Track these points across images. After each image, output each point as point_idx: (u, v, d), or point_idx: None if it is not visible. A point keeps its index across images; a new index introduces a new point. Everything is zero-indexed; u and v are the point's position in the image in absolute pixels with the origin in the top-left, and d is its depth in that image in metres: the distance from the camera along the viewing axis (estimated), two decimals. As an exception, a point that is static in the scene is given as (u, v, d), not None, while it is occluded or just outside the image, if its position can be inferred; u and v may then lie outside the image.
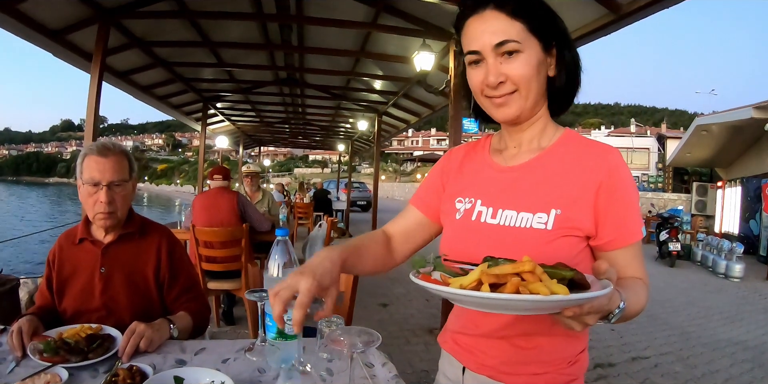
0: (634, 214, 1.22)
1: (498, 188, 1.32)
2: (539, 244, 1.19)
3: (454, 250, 1.31)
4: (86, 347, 1.64)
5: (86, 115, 5.03)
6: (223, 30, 6.89)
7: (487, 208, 1.30)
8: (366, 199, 26.08)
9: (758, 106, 11.23)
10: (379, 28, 6.29)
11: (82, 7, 4.94)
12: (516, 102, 1.22)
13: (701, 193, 20.31)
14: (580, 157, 1.25)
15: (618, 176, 1.20)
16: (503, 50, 1.17)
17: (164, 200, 57.48)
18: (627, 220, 1.21)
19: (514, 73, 1.18)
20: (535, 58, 1.19)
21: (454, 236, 1.37)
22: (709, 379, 4.65)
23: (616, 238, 1.21)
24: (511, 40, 1.16)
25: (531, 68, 1.18)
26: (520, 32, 1.17)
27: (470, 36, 1.22)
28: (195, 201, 5.40)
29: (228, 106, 12.32)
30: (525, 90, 1.20)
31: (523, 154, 1.33)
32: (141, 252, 2.18)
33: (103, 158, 2.04)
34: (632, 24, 4.52)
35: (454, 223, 1.38)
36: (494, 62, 1.19)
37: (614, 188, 1.19)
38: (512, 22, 1.17)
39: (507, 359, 1.30)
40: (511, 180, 1.30)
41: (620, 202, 1.20)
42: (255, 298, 1.56)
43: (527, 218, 1.22)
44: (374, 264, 1.43)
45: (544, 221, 1.19)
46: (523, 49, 1.17)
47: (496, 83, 1.20)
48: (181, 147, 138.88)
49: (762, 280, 10.39)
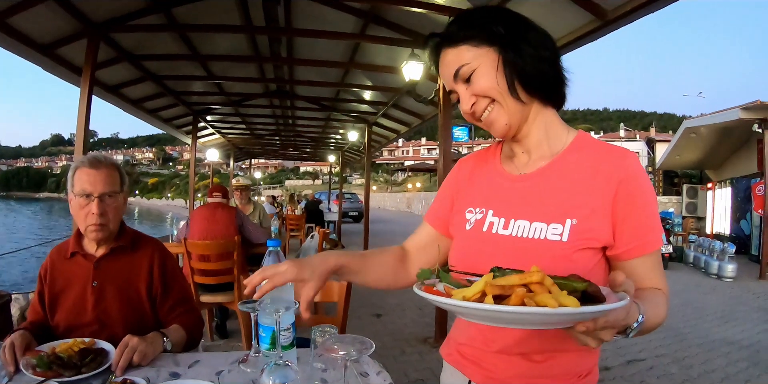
0: (654, 221, 1.18)
1: (510, 198, 1.28)
2: (554, 256, 1.14)
3: (464, 261, 1.27)
4: (79, 362, 1.64)
5: (76, 129, 5.02)
6: (212, 43, 6.92)
7: (499, 218, 1.26)
8: (358, 209, 26.02)
9: (746, 107, 11.29)
10: (368, 39, 6.33)
11: (71, 21, 4.95)
12: (499, 115, 1.21)
13: (692, 195, 20.40)
14: (596, 162, 1.20)
15: (636, 182, 1.16)
16: (461, 77, 1.20)
17: (155, 214, 57.24)
18: (646, 227, 1.16)
19: (477, 89, 1.19)
20: (491, 66, 1.17)
21: (464, 247, 1.33)
22: (705, 379, 4.67)
23: (634, 246, 1.16)
24: (461, 66, 1.19)
25: (490, 77, 1.17)
26: (467, 53, 1.19)
27: (441, 73, 1.27)
28: (194, 213, 5.43)
29: (218, 119, 12.32)
30: (498, 96, 1.18)
31: (534, 160, 1.29)
32: (133, 265, 2.17)
33: (95, 170, 2.04)
34: (618, 29, 4.57)
35: (464, 233, 1.34)
36: (463, 91, 1.22)
37: (632, 195, 1.15)
38: (458, 50, 1.20)
39: (517, 373, 1.24)
40: (524, 189, 1.26)
41: (639, 209, 1.16)
42: (248, 309, 1.56)
43: (541, 229, 1.17)
44: (382, 273, 1.45)
45: (559, 232, 1.15)
46: (475, 65, 1.18)
47: (470, 108, 1.22)
48: (171, 161, 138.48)
49: (755, 280, 10.44)
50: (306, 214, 15.29)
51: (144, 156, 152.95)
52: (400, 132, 11.63)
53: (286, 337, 1.60)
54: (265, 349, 1.61)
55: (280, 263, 1.22)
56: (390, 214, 36.58)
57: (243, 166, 26.29)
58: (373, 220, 12.93)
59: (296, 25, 6.49)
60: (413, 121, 10.23)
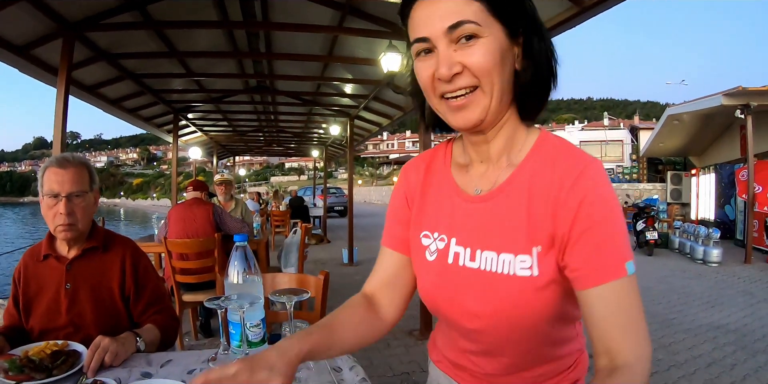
0: (616, 242, 0.96)
1: (472, 223, 1.11)
2: (527, 292, 1.01)
3: (434, 297, 1.18)
4: (51, 364, 1.62)
5: (53, 131, 4.94)
6: (189, 39, 6.83)
7: (465, 248, 1.11)
8: (343, 204, 26.03)
9: (728, 93, 11.36)
10: (346, 31, 6.27)
11: (46, 21, 4.86)
12: (479, 102, 0.99)
13: (676, 182, 20.56)
14: (552, 173, 1.02)
15: (591, 196, 0.97)
16: (458, 34, 0.95)
17: (141, 215, 56.99)
18: (604, 248, 0.96)
19: (472, 61, 0.95)
20: (498, 44, 0.96)
21: (432, 282, 1.17)
22: (692, 365, 4.68)
23: (588, 272, 0.96)
24: (467, 21, 0.94)
25: (494, 56, 0.96)
26: (479, 13, 0.94)
27: (417, 20, 1.00)
28: (171, 212, 5.35)
29: (199, 117, 12.19)
30: (488, 84, 0.97)
31: (491, 173, 1.12)
32: (105, 266, 2.15)
33: (62, 170, 2.02)
34: (596, 16, 4.55)
35: (427, 265, 1.18)
36: (447, 50, 0.97)
37: (591, 212, 0.97)
38: (468, 1, 0.95)
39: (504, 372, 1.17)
40: (485, 212, 1.09)
41: (597, 228, 0.96)
42: (213, 305, 1.53)
43: (509, 262, 1.03)
44: (359, 335, 1.20)
45: (528, 266, 1.01)
46: (483, 33, 0.95)
47: (450, 75, 0.96)
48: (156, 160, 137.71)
49: (740, 264, 10.55)
50: (291, 210, 15.30)
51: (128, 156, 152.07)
52: (382, 125, 11.58)
53: (255, 334, 1.56)
54: (235, 346, 1.57)
55: (229, 365, 0.91)
56: (376, 208, 36.61)
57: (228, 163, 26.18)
58: (358, 215, 12.95)
59: (273, 19, 6.41)
60: (395, 114, 10.19)
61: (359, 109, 10.37)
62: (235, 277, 1.52)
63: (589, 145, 34.93)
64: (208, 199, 5.70)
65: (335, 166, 66.80)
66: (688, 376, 4.42)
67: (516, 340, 1.08)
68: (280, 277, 2.51)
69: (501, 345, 1.11)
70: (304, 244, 5.82)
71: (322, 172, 18.60)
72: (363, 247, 11.69)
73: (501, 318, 1.05)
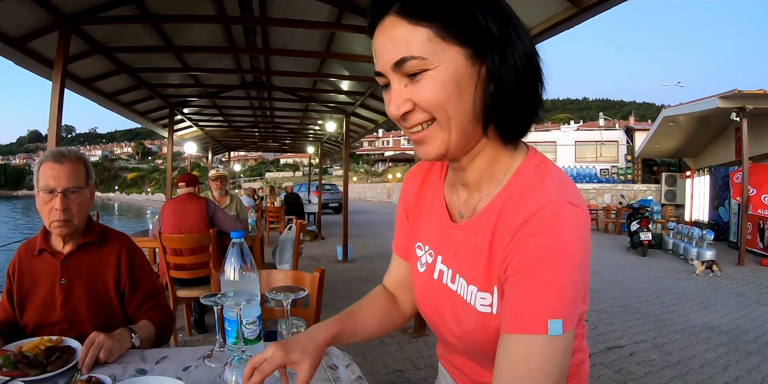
0: (545, 293, 0.85)
1: (453, 246, 1.09)
2: (487, 326, 0.99)
3: (424, 306, 1.20)
4: (45, 360, 1.60)
5: (48, 124, 4.91)
6: (186, 34, 6.80)
7: (447, 268, 1.11)
8: (338, 200, 25.92)
9: (724, 96, 11.40)
10: (344, 28, 6.23)
11: (42, 13, 4.82)
12: (436, 136, 0.94)
13: (670, 183, 20.67)
14: (514, 211, 0.95)
15: (536, 240, 0.87)
16: (404, 71, 0.89)
17: (135, 210, 56.86)
18: (528, 298, 0.86)
19: (419, 97, 0.90)
20: (449, 74, 0.88)
21: (421, 293, 1.20)
22: (685, 365, 4.69)
23: (507, 317, 0.89)
24: (410, 57, 0.87)
25: (445, 89, 0.88)
26: (425, 43, 0.86)
27: (375, 53, 0.95)
28: (164, 208, 5.32)
29: (195, 112, 12.15)
30: (443, 118, 0.91)
31: (472, 200, 1.08)
32: (101, 261, 2.13)
33: (58, 165, 2.00)
34: (595, 16, 4.54)
35: (419, 276, 1.21)
36: (398, 87, 0.92)
37: (526, 254, 0.88)
38: (414, 30, 0.87)
39: None
40: (462, 239, 1.07)
41: (528, 273, 0.87)
42: (210, 302, 1.52)
43: (473, 294, 1.02)
44: (381, 324, 1.33)
45: (488, 303, 0.99)
46: (431, 65, 0.87)
47: (399, 115, 0.94)
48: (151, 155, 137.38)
49: (733, 266, 10.58)
50: (285, 206, 15.28)
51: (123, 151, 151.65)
52: (378, 122, 11.57)
53: (251, 331, 1.55)
54: (231, 344, 1.56)
55: (266, 349, 1.09)
56: (370, 205, 36.63)
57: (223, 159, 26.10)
58: (353, 211, 12.95)
59: (271, 14, 6.38)
60: (391, 111, 10.13)
61: (355, 106, 10.35)
62: (231, 273, 1.50)
63: (584, 145, 35.05)
64: (200, 193, 5.67)
65: (330, 162, 66.80)
66: (681, 376, 4.43)
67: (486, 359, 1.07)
68: (275, 274, 2.50)
69: (483, 361, 1.11)
70: (298, 241, 5.81)
71: (317, 169, 18.56)
72: (357, 244, 11.68)
73: (473, 342, 1.05)
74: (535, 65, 0.93)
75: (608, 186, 24.23)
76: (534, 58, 0.93)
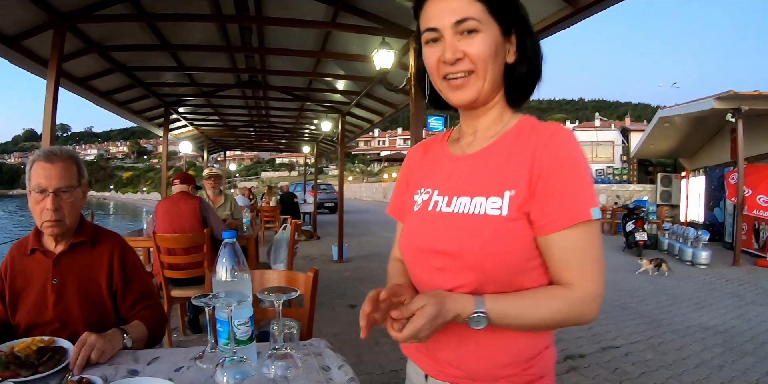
0: (581, 192, 1.11)
1: (454, 177, 1.29)
2: (494, 229, 1.13)
3: (410, 243, 1.31)
4: (36, 360, 1.59)
5: (43, 123, 4.89)
6: (182, 33, 6.79)
7: (443, 197, 1.27)
8: (334, 200, 25.90)
9: (719, 96, 11.42)
10: (339, 27, 6.24)
11: (37, 11, 4.81)
12: (473, 84, 1.19)
13: (666, 184, 20.70)
14: (529, 138, 1.19)
15: (559, 151, 1.13)
16: (462, 28, 1.15)
17: (131, 209, 56.76)
18: (571, 198, 1.11)
19: (472, 50, 1.16)
20: (493, 39, 1.17)
21: (410, 228, 1.34)
22: (681, 365, 4.69)
23: (555, 218, 1.11)
24: (470, 18, 1.14)
25: (489, 48, 1.16)
26: (480, 12, 1.15)
27: (429, 14, 1.20)
28: (158, 207, 5.29)
29: (190, 111, 12.14)
30: (482, 70, 1.18)
31: (478, 141, 1.30)
32: (93, 261, 2.11)
33: (50, 164, 1.97)
34: (591, 17, 4.54)
35: (411, 216, 1.36)
36: (452, 39, 1.16)
37: (553, 163, 1.12)
38: (472, 2, 1.15)
39: (466, 364, 1.24)
40: (467, 168, 1.27)
41: (561, 179, 1.11)
42: (201, 303, 1.50)
43: (481, 203, 1.18)
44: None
45: (498, 206, 1.15)
46: (482, 28, 1.15)
47: (454, 59, 1.17)
48: (146, 154, 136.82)
49: (728, 266, 10.62)
50: (281, 206, 15.26)
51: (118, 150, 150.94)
52: (373, 122, 11.58)
53: (243, 332, 1.54)
54: (223, 344, 1.55)
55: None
56: (366, 205, 36.64)
57: (218, 158, 26.06)
58: (348, 211, 12.95)
59: (267, 13, 6.36)
60: (386, 111, 10.20)
61: (351, 105, 10.35)
62: (223, 274, 1.49)
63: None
64: (195, 193, 5.64)
65: (326, 162, 66.75)
66: (676, 376, 4.44)
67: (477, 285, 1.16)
68: (269, 274, 2.48)
69: (462, 288, 1.18)
70: (293, 241, 5.79)
71: (313, 168, 18.54)
72: (353, 244, 11.66)
73: (466, 253, 1.15)
74: (540, 51, 1.25)
75: (604, 186, 24.24)
76: (540, 46, 1.25)
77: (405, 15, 5.62)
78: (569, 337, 5.47)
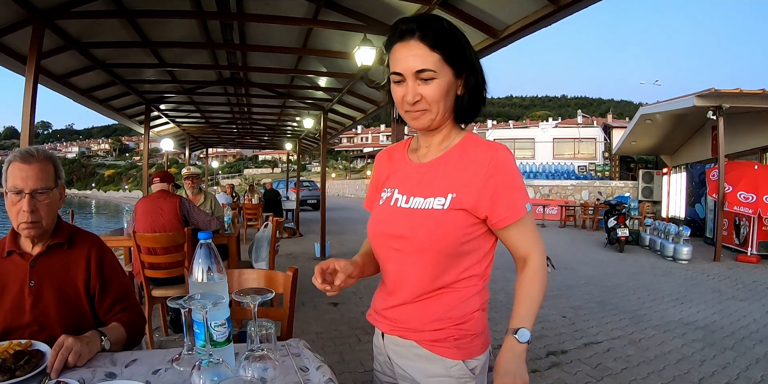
0: (518, 196, 1.49)
1: (412, 180, 1.62)
2: (437, 220, 1.49)
3: (375, 229, 1.66)
4: (13, 364, 1.57)
5: (22, 120, 4.82)
6: (162, 29, 6.71)
7: (402, 195, 1.61)
8: (316, 197, 25.88)
9: (701, 94, 11.51)
10: (321, 24, 6.20)
11: (15, 7, 4.72)
12: (427, 117, 1.51)
13: (647, 180, 20.86)
14: (473, 153, 1.54)
15: (503, 167, 1.48)
16: (422, 77, 1.44)
17: (112, 207, 56.31)
18: (513, 201, 1.48)
19: (427, 94, 1.46)
20: (446, 82, 1.46)
21: (376, 218, 1.68)
22: (662, 361, 4.73)
23: (506, 216, 1.48)
24: (428, 69, 1.42)
25: (442, 91, 1.46)
26: (437, 63, 1.43)
27: (396, 59, 1.47)
28: (137, 205, 5.24)
29: (172, 108, 12.01)
30: (435, 108, 1.48)
31: (431, 153, 1.63)
32: (70, 263, 2.08)
33: (26, 165, 1.93)
34: (573, 15, 4.55)
35: (378, 207, 1.70)
36: (413, 84, 1.46)
37: (500, 176, 1.47)
38: (431, 53, 1.42)
39: (413, 320, 1.57)
40: (422, 174, 1.60)
41: (507, 188, 1.48)
42: (176, 305, 1.48)
43: (430, 201, 1.52)
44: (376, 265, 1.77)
45: (441, 203, 1.50)
46: (437, 76, 1.44)
47: (413, 101, 1.47)
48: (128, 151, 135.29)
49: (709, 262, 10.74)
50: (264, 204, 15.20)
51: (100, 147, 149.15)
52: (356, 119, 11.58)
53: (220, 333, 1.52)
54: (200, 346, 1.53)
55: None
56: (349, 202, 36.61)
57: (200, 155, 25.90)
58: (331, 208, 12.93)
59: (248, 10, 6.32)
60: (368, 108, 10.20)
61: (333, 102, 10.34)
62: (199, 275, 1.48)
63: (562, 142, 35.16)
64: (175, 191, 5.59)
65: (309, 159, 66.61)
66: (657, 372, 4.47)
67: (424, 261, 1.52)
68: (247, 273, 2.46)
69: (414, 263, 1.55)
70: (275, 239, 5.76)
71: (296, 165, 18.48)
72: (335, 241, 11.65)
73: (417, 237, 1.50)
74: (484, 82, 1.55)
75: (586, 183, 24.39)
76: (484, 78, 1.55)
77: (386, 11, 5.61)
78: (551, 333, 5.50)
